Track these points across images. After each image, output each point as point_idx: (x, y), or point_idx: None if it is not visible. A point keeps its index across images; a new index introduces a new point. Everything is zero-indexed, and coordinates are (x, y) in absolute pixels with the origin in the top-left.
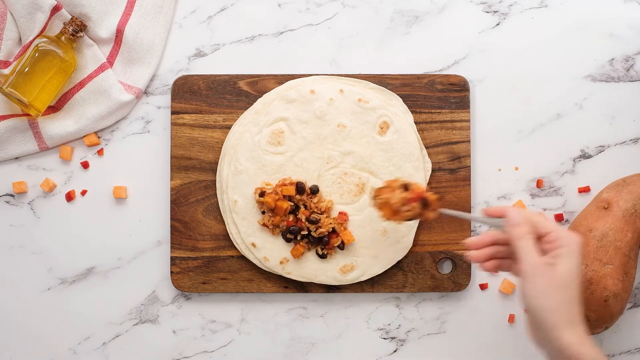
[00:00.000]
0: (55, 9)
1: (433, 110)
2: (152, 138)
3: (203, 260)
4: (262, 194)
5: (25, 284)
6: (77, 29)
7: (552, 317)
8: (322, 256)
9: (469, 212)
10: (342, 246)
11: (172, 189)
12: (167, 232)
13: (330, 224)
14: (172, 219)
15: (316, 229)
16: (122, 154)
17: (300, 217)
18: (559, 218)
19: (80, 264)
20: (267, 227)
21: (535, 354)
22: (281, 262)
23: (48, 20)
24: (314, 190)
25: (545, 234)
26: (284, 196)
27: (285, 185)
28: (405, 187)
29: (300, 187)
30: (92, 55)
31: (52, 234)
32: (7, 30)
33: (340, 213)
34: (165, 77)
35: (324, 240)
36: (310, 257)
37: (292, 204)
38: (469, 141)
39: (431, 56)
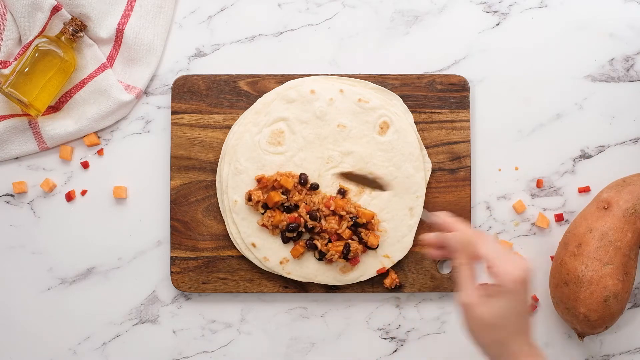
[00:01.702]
0: (55, 9)
1: (433, 110)
2: (152, 138)
3: (203, 260)
4: (249, 198)
5: (25, 284)
6: (77, 29)
7: (485, 352)
8: (320, 259)
9: (469, 213)
10: (346, 257)
11: (172, 189)
12: (167, 232)
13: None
14: (172, 219)
15: (325, 242)
16: (122, 154)
17: (300, 212)
18: (559, 218)
19: (80, 264)
20: (267, 227)
21: None
22: (281, 262)
23: (48, 20)
24: (314, 187)
25: (487, 263)
26: (280, 187)
27: (283, 175)
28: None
29: (303, 178)
30: (92, 55)
31: (52, 234)
32: (7, 30)
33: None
34: (165, 77)
35: (321, 252)
36: (310, 257)
37: (285, 197)
38: (469, 141)
39: (431, 56)
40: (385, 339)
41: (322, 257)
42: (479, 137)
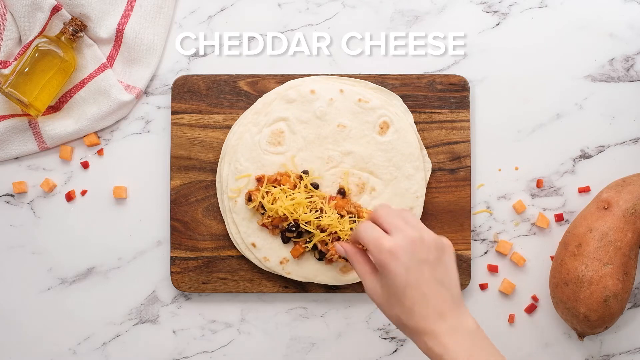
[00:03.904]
0: (55, 9)
1: (433, 110)
2: (152, 138)
3: (203, 260)
4: (249, 198)
5: (25, 284)
6: (77, 29)
7: (401, 327)
8: (320, 259)
9: (469, 213)
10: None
11: (172, 189)
12: (167, 232)
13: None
14: (172, 219)
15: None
16: (122, 154)
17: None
18: (559, 218)
19: (80, 264)
20: (267, 227)
21: (535, 354)
22: (281, 262)
23: (48, 20)
24: (315, 187)
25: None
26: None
27: (284, 175)
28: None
29: (306, 173)
30: (92, 55)
31: (52, 234)
32: (7, 30)
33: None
34: (165, 77)
35: (321, 252)
36: (310, 257)
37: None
38: (469, 141)
39: (431, 56)
40: (385, 339)
41: (322, 257)
42: (479, 137)
